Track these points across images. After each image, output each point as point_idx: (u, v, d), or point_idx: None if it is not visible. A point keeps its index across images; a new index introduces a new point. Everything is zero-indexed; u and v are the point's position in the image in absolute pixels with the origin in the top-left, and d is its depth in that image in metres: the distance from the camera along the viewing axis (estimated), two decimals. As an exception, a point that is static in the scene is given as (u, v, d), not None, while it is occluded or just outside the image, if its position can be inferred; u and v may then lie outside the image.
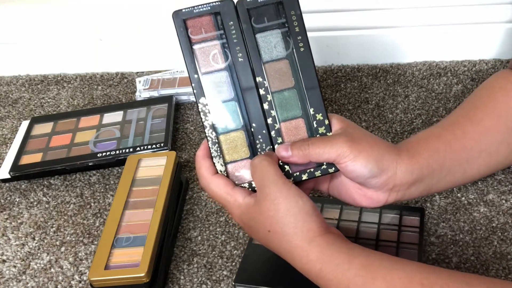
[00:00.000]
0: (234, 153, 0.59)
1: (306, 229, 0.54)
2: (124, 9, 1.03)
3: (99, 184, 0.84)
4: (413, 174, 0.60)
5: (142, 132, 0.89)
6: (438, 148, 0.62)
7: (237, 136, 0.60)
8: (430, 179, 0.62)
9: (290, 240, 0.54)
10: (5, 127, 0.97)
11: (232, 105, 0.59)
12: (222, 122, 0.59)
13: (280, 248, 0.56)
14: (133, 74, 1.05)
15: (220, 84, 0.59)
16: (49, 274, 0.72)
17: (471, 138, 0.63)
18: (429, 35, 0.98)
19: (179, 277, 0.69)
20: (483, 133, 0.64)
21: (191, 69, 0.59)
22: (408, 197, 0.62)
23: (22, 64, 1.10)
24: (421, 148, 0.61)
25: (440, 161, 0.62)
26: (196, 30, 0.59)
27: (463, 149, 0.63)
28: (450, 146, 0.62)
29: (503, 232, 0.69)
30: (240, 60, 0.59)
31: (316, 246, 0.53)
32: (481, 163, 0.64)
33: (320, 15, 0.99)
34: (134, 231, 0.70)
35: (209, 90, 0.59)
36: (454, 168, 0.63)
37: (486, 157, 0.64)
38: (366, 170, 0.57)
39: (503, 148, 0.64)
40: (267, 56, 0.59)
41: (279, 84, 0.59)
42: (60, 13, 1.05)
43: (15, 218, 0.80)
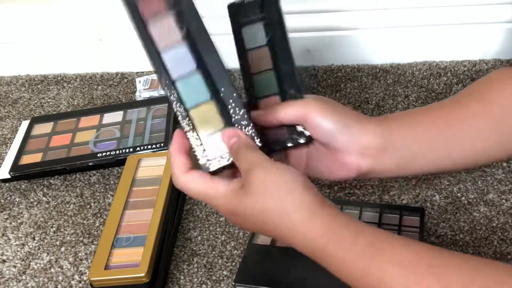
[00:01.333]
0: (207, 126, 0.56)
1: (304, 202, 0.51)
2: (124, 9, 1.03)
3: (99, 184, 0.84)
4: (382, 137, 0.59)
5: (142, 132, 0.89)
6: (417, 121, 0.61)
7: (207, 108, 0.56)
8: (405, 150, 0.60)
9: (288, 217, 0.51)
10: (5, 127, 0.97)
11: (196, 76, 0.57)
12: (189, 96, 0.57)
13: (278, 229, 0.52)
14: (133, 74, 1.05)
15: (180, 58, 0.57)
16: (49, 274, 0.72)
17: (456, 119, 0.62)
18: (429, 35, 0.98)
19: (179, 277, 0.69)
20: (470, 115, 0.62)
21: (148, 47, 0.57)
22: (382, 167, 0.60)
23: (22, 64, 1.10)
24: (397, 118, 0.61)
25: (418, 133, 0.60)
26: (147, 6, 0.58)
27: (447, 127, 0.61)
28: (431, 121, 0.61)
29: (503, 232, 0.69)
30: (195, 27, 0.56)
31: (318, 220, 0.50)
32: (467, 147, 0.62)
33: (320, 15, 0.99)
34: (134, 231, 0.70)
35: (171, 66, 0.57)
36: (436, 145, 0.61)
37: (472, 142, 0.62)
38: (329, 123, 0.57)
39: (491, 135, 0.62)
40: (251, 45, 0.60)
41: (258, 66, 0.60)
42: (60, 13, 1.05)
43: (15, 218, 0.80)
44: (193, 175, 0.55)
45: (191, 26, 0.57)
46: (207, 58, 0.56)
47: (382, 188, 0.76)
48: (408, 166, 0.62)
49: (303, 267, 0.65)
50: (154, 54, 0.57)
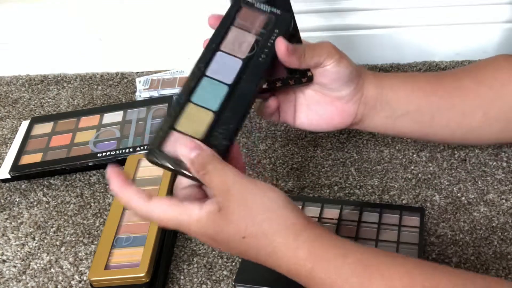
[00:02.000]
0: (187, 126, 0.55)
1: (288, 223, 0.48)
2: (124, 9, 1.03)
3: (99, 184, 0.84)
4: (378, 89, 0.62)
5: (142, 132, 0.89)
6: (409, 83, 0.64)
7: (203, 114, 0.56)
8: (395, 106, 0.63)
9: (272, 240, 0.48)
10: (5, 127, 0.97)
11: (223, 88, 0.58)
12: (201, 95, 0.57)
13: (261, 253, 0.49)
14: (133, 74, 1.05)
15: (227, 67, 0.59)
16: (49, 274, 0.72)
17: (445, 88, 0.64)
18: (429, 35, 0.98)
19: (179, 277, 0.69)
20: (459, 89, 0.64)
21: (214, 39, 0.60)
22: (372, 119, 0.63)
23: (22, 64, 1.10)
24: (391, 76, 0.65)
25: (407, 91, 0.63)
26: (245, 17, 0.61)
27: (434, 94, 0.63)
28: (421, 86, 0.64)
29: (503, 232, 0.69)
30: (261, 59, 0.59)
31: (304, 241, 0.47)
32: (452, 119, 0.63)
33: (320, 15, 0.99)
34: (134, 231, 0.70)
35: (214, 64, 0.59)
36: (423, 108, 0.63)
37: (458, 114, 0.63)
38: (347, 70, 0.60)
39: (478, 113, 0.63)
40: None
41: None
42: (60, 13, 1.05)
43: (15, 218, 0.80)
44: (158, 202, 0.50)
45: (256, 56, 0.59)
46: (244, 87, 0.58)
47: (382, 188, 0.76)
48: (395, 123, 0.64)
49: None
50: (212, 46, 0.60)
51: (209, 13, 0.68)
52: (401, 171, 0.78)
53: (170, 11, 1.01)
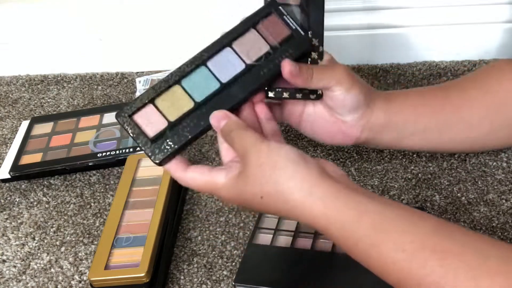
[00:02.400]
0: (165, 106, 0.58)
1: (300, 179, 0.49)
2: (124, 9, 1.03)
3: (99, 184, 0.84)
4: (386, 114, 0.62)
5: (142, 132, 0.89)
6: (416, 101, 0.64)
7: (185, 100, 0.58)
8: (403, 127, 0.63)
9: (287, 198, 0.50)
10: (5, 127, 0.97)
11: (215, 84, 0.58)
12: (193, 82, 0.58)
13: (280, 210, 0.51)
14: (133, 74, 1.05)
15: (228, 66, 0.59)
16: (49, 274, 0.72)
17: (452, 103, 0.64)
18: (429, 35, 0.98)
19: (179, 277, 0.69)
20: (466, 101, 0.63)
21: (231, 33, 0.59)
22: (379, 141, 0.63)
23: (22, 64, 1.10)
24: (398, 96, 0.64)
25: (415, 112, 0.63)
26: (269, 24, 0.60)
27: (442, 110, 0.63)
28: (429, 103, 0.63)
29: (503, 232, 0.69)
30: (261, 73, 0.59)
31: (317, 200, 0.49)
32: (460, 132, 0.63)
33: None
34: (134, 231, 0.70)
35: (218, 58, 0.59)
36: (430, 127, 0.63)
37: (465, 126, 0.63)
38: (355, 99, 0.59)
39: (485, 123, 0.63)
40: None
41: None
42: (60, 13, 1.05)
43: (15, 218, 0.80)
44: (192, 172, 0.56)
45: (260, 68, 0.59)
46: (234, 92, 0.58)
47: (382, 188, 0.76)
48: (402, 142, 0.64)
49: (303, 267, 0.66)
50: (225, 40, 0.59)
51: (209, 13, 0.68)
52: (401, 171, 0.78)
53: (170, 11, 1.01)
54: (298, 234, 0.70)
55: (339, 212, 0.48)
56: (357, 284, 0.63)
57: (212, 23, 0.96)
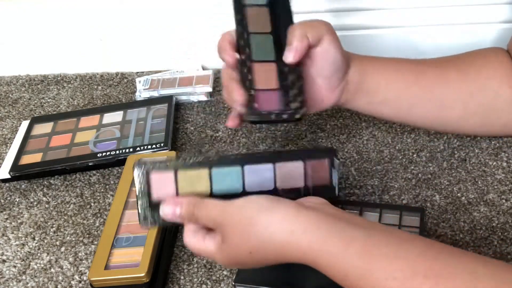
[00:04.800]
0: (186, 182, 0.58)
1: (278, 222, 0.49)
2: (124, 9, 1.03)
3: (99, 184, 0.84)
4: (360, 75, 0.63)
5: (142, 132, 0.89)
6: (390, 68, 0.65)
7: (204, 186, 0.58)
8: (375, 92, 0.64)
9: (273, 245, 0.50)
10: (5, 127, 0.97)
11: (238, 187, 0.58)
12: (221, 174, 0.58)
13: (270, 258, 0.52)
14: (133, 74, 1.05)
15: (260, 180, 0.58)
16: (49, 274, 0.72)
17: (427, 78, 0.64)
18: (429, 35, 0.98)
19: (179, 277, 0.69)
20: (443, 80, 0.64)
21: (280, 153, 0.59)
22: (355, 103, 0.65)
23: (22, 64, 1.10)
24: (373, 61, 0.66)
25: (388, 79, 0.64)
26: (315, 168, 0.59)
27: (415, 83, 0.64)
28: (403, 73, 0.64)
29: (503, 232, 0.69)
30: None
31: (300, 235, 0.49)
32: (431, 110, 0.64)
33: (320, 15, 0.99)
34: (134, 231, 0.70)
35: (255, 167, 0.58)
36: (401, 97, 0.64)
37: (437, 105, 0.63)
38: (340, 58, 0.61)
39: (458, 106, 0.63)
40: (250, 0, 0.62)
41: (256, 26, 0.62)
42: (60, 13, 1.05)
43: (15, 218, 0.80)
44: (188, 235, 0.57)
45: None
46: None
47: (382, 188, 0.76)
48: (375, 108, 0.66)
49: (303, 267, 0.65)
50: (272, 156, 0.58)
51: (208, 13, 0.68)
52: (401, 171, 0.78)
53: (170, 11, 1.01)
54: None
55: (324, 242, 0.48)
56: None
57: (212, 23, 0.96)
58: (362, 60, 0.64)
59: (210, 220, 0.54)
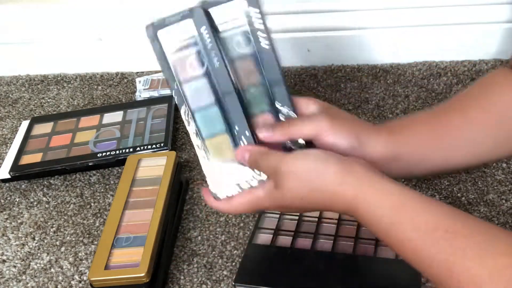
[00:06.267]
0: (220, 156, 0.60)
1: (331, 173, 0.55)
2: (124, 9, 1.03)
3: (99, 184, 0.84)
4: (391, 150, 0.62)
5: (142, 132, 0.89)
6: (421, 130, 0.64)
7: (222, 139, 0.60)
8: (411, 159, 0.63)
9: (322, 192, 0.55)
10: (5, 127, 0.97)
11: (214, 110, 0.60)
12: (206, 127, 0.60)
13: (319, 204, 0.57)
14: (133, 74, 1.05)
15: (200, 91, 0.59)
16: (49, 274, 0.72)
17: (456, 127, 0.64)
18: (429, 35, 0.98)
19: (179, 277, 0.69)
20: (468, 123, 0.64)
21: (170, 78, 0.59)
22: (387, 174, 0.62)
23: (22, 64, 1.10)
24: (403, 128, 0.64)
25: (422, 143, 0.63)
26: (169, 41, 0.59)
27: (447, 136, 0.63)
28: (433, 131, 0.63)
29: (503, 232, 0.69)
30: (216, 64, 0.58)
31: (348, 186, 0.54)
32: (466, 151, 0.64)
33: (320, 15, 0.99)
34: (134, 231, 0.70)
35: (190, 98, 0.59)
36: (436, 152, 0.63)
37: (470, 146, 0.64)
38: (346, 142, 0.59)
39: (488, 140, 0.64)
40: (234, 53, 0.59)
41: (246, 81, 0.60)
42: (60, 13, 1.05)
43: (15, 218, 0.80)
44: (236, 201, 0.61)
45: (211, 63, 0.59)
46: (225, 94, 0.59)
47: (382, 188, 0.76)
48: (410, 171, 0.65)
49: (303, 267, 0.66)
50: (175, 85, 0.59)
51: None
52: (401, 171, 0.78)
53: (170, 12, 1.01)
54: (298, 234, 0.70)
55: (366, 193, 0.53)
56: (356, 284, 0.63)
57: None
58: (390, 133, 0.62)
59: (269, 166, 0.57)
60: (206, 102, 0.59)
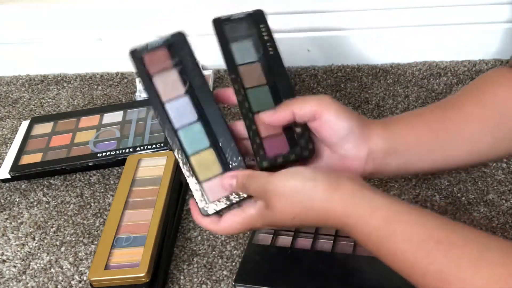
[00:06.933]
0: (206, 171, 0.60)
1: (320, 191, 0.54)
2: (124, 9, 1.03)
3: (99, 184, 0.84)
4: (387, 142, 0.61)
5: (142, 132, 0.89)
6: (416, 125, 0.63)
7: (206, 155, 0.60)
8: (406, 153, 0.62)
9: (313, 210, 0.55)
10: (5, 127, 0.97)
11: (197, 126, 0.61)
12: (190, 144, 0.61)
13: (310, 222, 0.57)
14: (133, 74, 1.05)
15: (182, 109, 0.61)
16: (49, 274, 0.72)
17: (452, 122, 0.63)
18: (429, 35, 0.98)
19: (179, 277, 0.69)
20: (465, 118, 0.63)
21: (153, 99, 0.61)
22: (385, 170, 0.62)
23: (22, 64, 1.10)
24: (397, 122, 0.63)
25: (418, 136, 0.62)
26: (153, 63, 0.62)
27: (443, 130, 0.63)
28: (429, 125, 0.63)
29: (503, 232, 0.69)
30: (197, 82, 0.61)
31: (337, 202, 0.54)
32: (463, 148, 0.63)
33: (320, 15, 0.99)
34: (134, 231, 0.70)
35: (174, 116, 0.61)
36: (433, 148, 0.63)
37: (467, 143, 0.63)
38: (347, 125, 0.59)
39: (486, 137, 0.63)
40: (240, 61, 0.62)
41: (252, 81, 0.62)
42: (60, 13, 1.05)
43: (15, 218, 0.80)
44: (225, 219, 0.60)
45: (193, 81, 0.61)
46: (207, 110, 0.61)
47: (382, 188, 0.76)
48: (408, 167, 0.64)
49: (303, 267, 0.66)
50: (158, 105, 0.61)
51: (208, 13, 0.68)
52: (401, 171, 0.78)
53: (170, 11, 1.01)
54: (298, 234, 0.70)
55: (355, 207, 0.53)
56: (356, 284, 0.63)
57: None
58: (385, 125, 0.62)
59: (257, 188, 0.57)
60: (189, 120, 0.61)
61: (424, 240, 0.49)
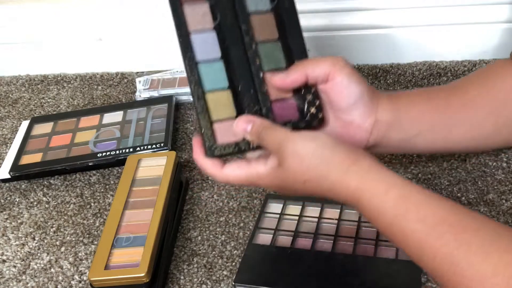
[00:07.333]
0: (220, 112, 0.58)
1: (337, 161, 0.54)
2: (124, 9, 1.03)
3: (99, 184, 0.84)
4: (392, 114, 0.61)
5: (142, 132, 0.89)
6: (421, 102, 0.63)
7: (223, 95, 0.58)
8: (409, 127, 0.62)
9: (326, 178, 0.54)
10: (5, 127, 0.98)
11: (219, 64, 0.58)
12: (208, 80, 0.58)
13: (321, 190, 0.55)
14: (133, 74, 1.05)
15: (208, 43, 0.58)
16: (49, 274, 0.72)
17: (455, 102, 0.63)
18: (429, 35, 0.98)
19: (179, 277, 0.69)
20: (469, 101, 0.63)
21: (180, 25, 0.58)
22: (386, 143, 0.62)
23: (22, 64, 1.10)
24: (402, 96, 0.63)
25: (421, 113, 0.62)
26: None
27: (446, 110, 0.63)
28: (433, 104, 0.63)
29: (503, 232, 0.69)
30: (228, 21, 0.58)
31: (353, 175, 0.53)
32: (465, 131, 0.63)
33: (320, 15, 0.99)
34: (134, 231, 0.70)
35: (197, 48, 0.58)
36: (436, 126, 0.63)
37: (470, 126, 0.63)
38: (358, 88, 0.58)
39: (489, 122, 0.63)
40: (253, 7, 0.59)
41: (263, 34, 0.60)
42: (60, 13, 1.05)
43: (15, 218, 0.80)
44: (230, 168, 0.58)
45: (224, 19, 0.58)
46: (232, 51, 0.58)
47: (382, 188, 0.76)
48: (409, 143, 0.63)
49: (303, 267, 0.66)
50: (183, 32, 0.58)
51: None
52: (401, 171, 0.78)
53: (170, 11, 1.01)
54: (298, 234, 0.70)
55: (370, 184, 0.52)
56: (356, 284, 0.63)
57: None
58: (391, 98, 0.62)
59: (274, 142, 0.55)
60: (212, 56, 0.58)
61: (438, 222, 0.49)
